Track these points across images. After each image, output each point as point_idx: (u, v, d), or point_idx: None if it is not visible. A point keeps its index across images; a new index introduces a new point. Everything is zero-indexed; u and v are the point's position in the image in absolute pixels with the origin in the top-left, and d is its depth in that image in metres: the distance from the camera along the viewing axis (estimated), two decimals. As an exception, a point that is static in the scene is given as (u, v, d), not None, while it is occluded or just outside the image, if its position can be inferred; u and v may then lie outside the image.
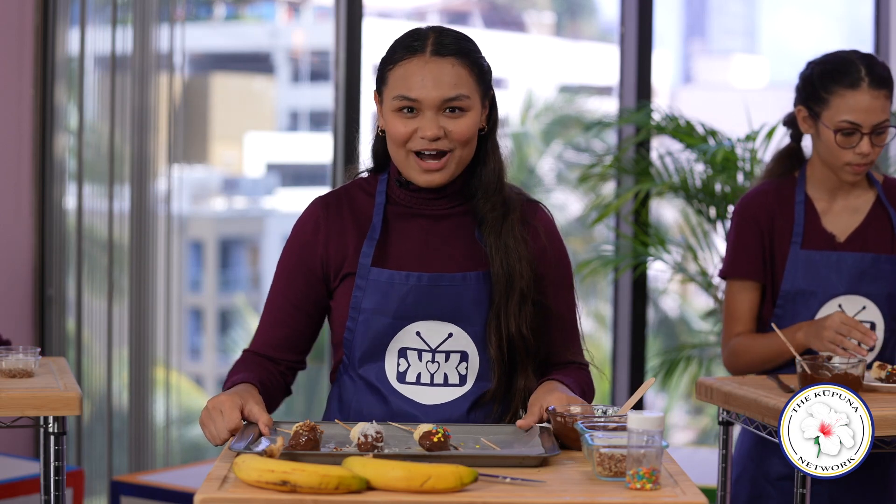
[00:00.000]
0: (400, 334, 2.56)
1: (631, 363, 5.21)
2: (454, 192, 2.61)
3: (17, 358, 3.00)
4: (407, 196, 2.61)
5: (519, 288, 2.55)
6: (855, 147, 3.10)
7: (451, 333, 2.57)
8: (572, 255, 2.76)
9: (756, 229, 3.24)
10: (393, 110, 2.53)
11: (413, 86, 2.51)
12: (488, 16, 12.09)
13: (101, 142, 4.87)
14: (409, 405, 2.56)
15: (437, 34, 2.55)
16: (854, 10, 10.53)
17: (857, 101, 3.09)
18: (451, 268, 2.58)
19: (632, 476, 2.08)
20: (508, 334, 2.56)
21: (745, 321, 3.25)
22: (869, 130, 3.09)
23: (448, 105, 2.51)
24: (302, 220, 2.64)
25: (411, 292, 2.55)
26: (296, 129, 13.21)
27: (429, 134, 2.50)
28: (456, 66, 2.52)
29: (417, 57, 2.52)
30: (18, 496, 3.84)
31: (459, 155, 2.54)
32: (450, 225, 2.61)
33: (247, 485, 2.08)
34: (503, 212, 2.58)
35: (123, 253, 4.89)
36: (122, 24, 4.83)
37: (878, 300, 3.18)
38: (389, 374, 2.58)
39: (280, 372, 2.64)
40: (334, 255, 2.60)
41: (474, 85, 2.55)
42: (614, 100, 5.32)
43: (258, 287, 12.73)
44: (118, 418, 4.93)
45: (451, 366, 2.58)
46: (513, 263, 2.56)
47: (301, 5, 12.79)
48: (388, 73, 2.55)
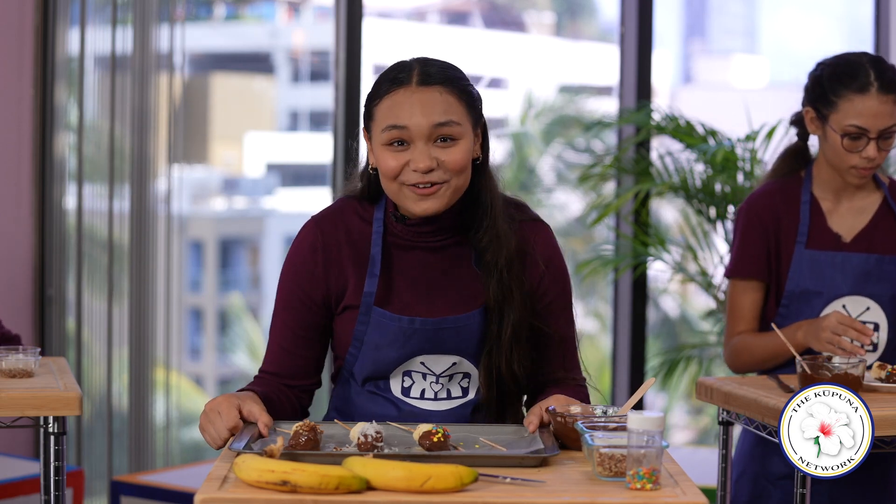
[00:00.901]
0: (404, 364, 2.56)
1: (631, 363, 5.21)
2: (450, 225, 2.57)
3: (17, 358, 3.00)
4: (404, 230, 2.57)
5: (511, 324, 2.53)
6: (861, 151, 3.10)
7: (455, 362, 2.57)
8: (572, 255, 2.76)
9: (761, 229, 3.24)
10: (383, 144, 2.48)
11: (401, 115, 2.46)
12: (488, 16, 12.08)
13: (101, 142, 4.87)
14: (415, 409, 2.57)
15: (421, 64, 2.50)
16: (854, 10, 10.53)
17: (865, 105, 3.07)
18: (455, 307, 2.55)
19: (632, 476, 2.08)
20: (499, 374, 2.54)
21: (748, 320, 3.25)
22: (876, 135, 3.08)
23: (439, 133, 2.46)
24: (298, 245, 2.59)
25: (416, 334, 2.53)
26: (296, 129, 13.22)
27: (421, 166, 2.44)
28: (444, 93, 2.47)
29: (404, 88, 2.47)
30: (18, 496, 3.84)
31: (455, 185, 2.49)
32: (449, 256, 2.57)
33: (247, 485, 2.08)
34: (498, 246, 2.53)
35: (123, 253, 4.89)
36: (122, 24, 4.83)
37: (882, 301, 3.18)
38: (395, 389, 2.58)
39: (296, 396, 2.61)
40: (334, 286, 2.56)
41: (464, 112, 2.49)
42: (614, 100, 5.32)
43: (258, 287, 12.74)
44: (118, 418, 4.93)
45: (454, 383, 2.58)
46: (505, 299, 2.52)
47: (301, 5, 12.79)
48: (375, 108, 2.50)
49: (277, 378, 2.60)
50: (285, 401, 2.59)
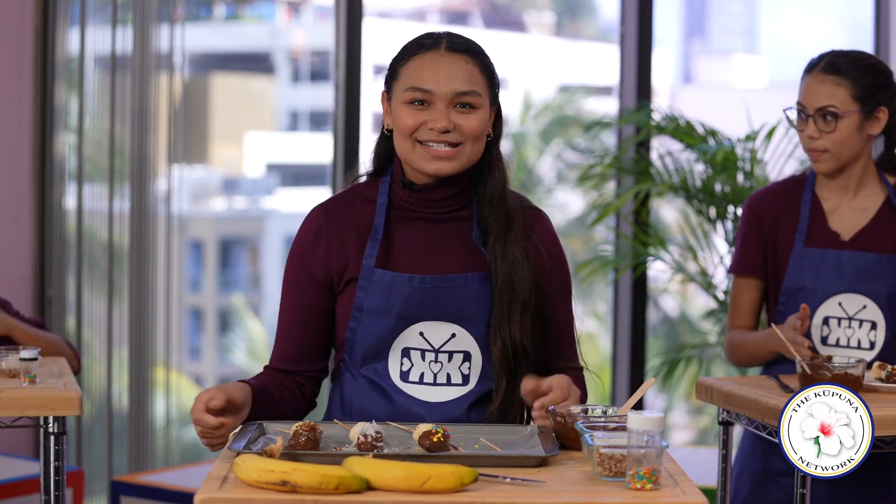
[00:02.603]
0: (403, 335, 2.56)
1: (631, 363, 5.21)
2: (455, 196, 2.60)
3: (17, 358, 3.00)
4: (409, 197, 2.60)
5: (521, 299, 2.55)
6: (804, 131, 3.19)
7: (454, 334, 2.57)
8: (572, 255, 2.77)
9: (759, 228, 3.29)
10: (403, 102, 2.54)
11: (426, 78, 2.52)
12: (488, 16, 12.09)
13: (101, 142, 4.87)
14: (413, 403, 2.56)
15: (449, 35, 2.58)
16: (854, 10, 10.54)
17: (806, 83, 3.20)
18: (454, 269, 2.57)
19: (632, 476, 2.08)
20: (513, 343, 2.55)
21: (744, 316, 3.33)
22: (812, 112, 3.16)
23: (459, 100, 2.52)
24: (303, 229, 2.63)
25: (414, 294, 2.55)
26: (296, 129, 13.22)
27: (439, 126, 2.51)
28: (469, 63, 2.54)
29: (432, 52, 2.54)
30: (18, 496, 3.84)
31: (470, 150, 2.54)
32: (450, 228, 2.61)
33: (247, 485, 2.08)
34: (507, 222, 2.58)
35: (123, 253, 4.89)
36: (122, 24, 4.83)
37: (878, 299, 3.19)
38: (392, 373, 2.58)
39: (297, 383, 2.62)
40: (337, 262, 2.59)
41: (485, 85, 2.56)
42: (614, 100, 5.32)
43: (258, 287, 12.74)
44: (118, 418, 4.93)
45: (453, 366, 2.58)
46: (516, 274, 2.56)
47: (301, 5, 12.79)
48: (401, 68, 2.56)
49: (280, 370, 2.61)
50: (287, 395, 2.60)
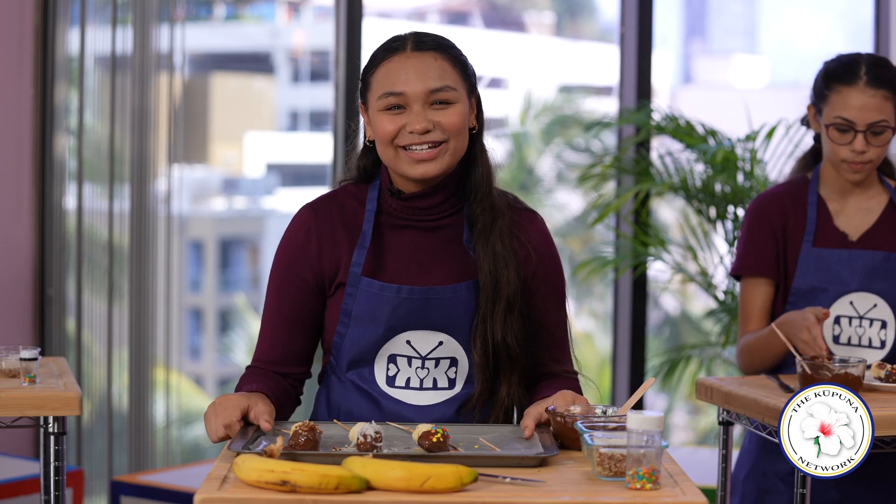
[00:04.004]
0: (390, 343, 2.55)
1: (631, 363, 5.21)
2: (445, 201, 2.58)
3: (17, 358, 3.00)
4: (399, 206, 2.58)
5: (506, 295, 2.53)
6: (850, 144, 3.12)
7: (442, 342, 2.56)
8: (572, 256, 2.77)
9: (769, 227, 3.25)
10: (379, 110, 2.51)
11: (397, 81, 2.50)
12: (488, 16, 12.08)
13: (101, 142, 4.87)
14: (400, 406, 2.55)
15: (415, 34, 2.55)
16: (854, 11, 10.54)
17: (851, 98, 3.11)
18: (443, 279, 2.55)
19: (632, 476, 2.08)
20: (494, 341, 2.54)
21: (758, 319, 3.26)
22: (864, 128, 3.10)
23: (434, 97, 2.50)
24: (292, 229, 2.60)
25: (402, 304, 2.53)
26: (296, 129, 13.22)
27: (418, 128, 2.48)
28: (438, 59, 2.52)
29: (399, 54, 2.52)
30: (18, 496, 3.84)
31: (454, 146, 2.52)
32: (441, 236, 2.58)
33: (247, 485, 2.08)
34: (492, 217, 2.56)
35: (123, 253, 4.89)
36: (122, 24, 4.83)
37: (889, 297, 3.19)
38: (379, 378, 2.56)
39: (290, 384, 2.62)
40: (328, 265, 2.57)
41: (459, 78, 2.53)
42: (614, 100, 5.32)
43: (258, 287, 12.73)
44: (118, 418, 4.93)
45: (440, 371, 2.57)
46: (500, 270, 2.54)
47: (301, 5, 12.79)
48: (371, 78, 2.54)
49: (273, 369, 2.60)
50: (287, 394, 2.59)
